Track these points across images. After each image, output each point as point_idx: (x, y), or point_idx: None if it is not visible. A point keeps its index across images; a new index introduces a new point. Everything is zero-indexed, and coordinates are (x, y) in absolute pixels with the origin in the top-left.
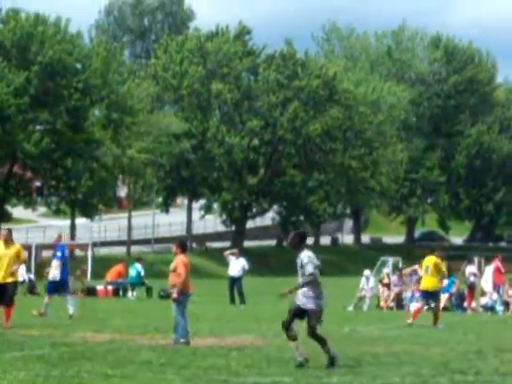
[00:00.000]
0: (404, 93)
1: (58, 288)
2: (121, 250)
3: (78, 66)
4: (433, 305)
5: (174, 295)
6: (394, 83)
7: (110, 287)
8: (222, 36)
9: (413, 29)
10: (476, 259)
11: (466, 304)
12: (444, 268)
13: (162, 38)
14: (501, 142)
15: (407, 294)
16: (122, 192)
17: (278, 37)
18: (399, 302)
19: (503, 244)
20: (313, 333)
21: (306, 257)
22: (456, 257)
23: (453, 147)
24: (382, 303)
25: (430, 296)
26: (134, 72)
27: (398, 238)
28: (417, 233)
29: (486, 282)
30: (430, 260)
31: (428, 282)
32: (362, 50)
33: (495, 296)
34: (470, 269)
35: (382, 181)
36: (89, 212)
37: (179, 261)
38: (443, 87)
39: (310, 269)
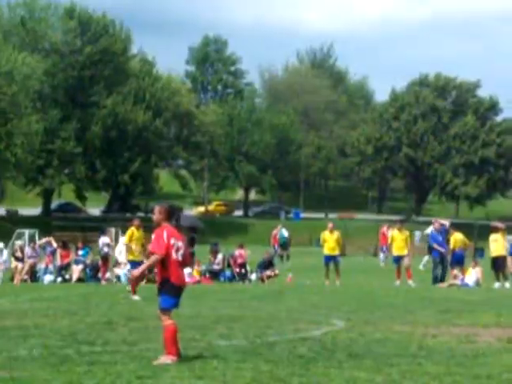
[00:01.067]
0: (38, 63)
1: None
2: None
3: None
4: None
5: None
6: (28, 54)
7: None
8: None
9: None
10: (113, 230)
11: (100, 275)
12: None
13: None
14: (136, 113)
15: (41, 266)
16: None
17: None
18: (33, 275)
19: (140, 214)
20: None
21: None
22: (94, 228)
23: (89, 118)
24: (17, 276)
25: None
26: None
27: (34, 210)
28: (54, 204)
29: (120, 252)
30: None
31: None
32: None
33: (128, 266)
34: (104, 239)
35: (18, 152)
36: None
37: None
38: (78, 58)
39: None
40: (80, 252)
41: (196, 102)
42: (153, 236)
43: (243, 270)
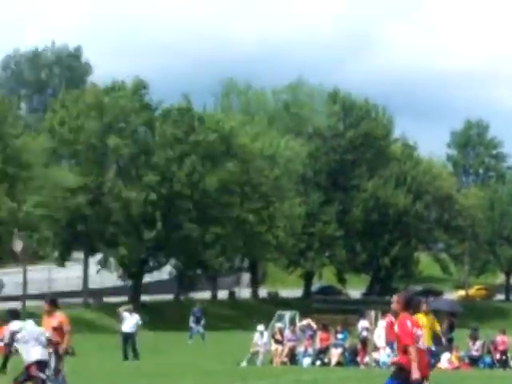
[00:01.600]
0: (302, 147)
1: None
2: (16, 305)
3: None
4: None
5: (62, 351)
6: (292, 137)
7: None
8: (118, 90)
9: (310, 84)
10: (373, 313)
11: (359, 359)
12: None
13: (60, 91)
14: (397, 197)
15: (301, 349)
16: (18, 246)
17: (174, 91)
18: (293, 357)
19: None
20: None
21: None
22: (354, 311)
23: (350, 201)
24: (277, 359)
25: None
26: (29, 126)
27: (295, 292)
28: (314, 286)
29: (379, 336)
30: None
31: None
32: (259, 104)
33: (388, 351)
34: (363, 323)
35: (279, 235)
36: None
37: (63, 317)
38: (340, 142)
39: None
40: (339, 335)
41: (457, 186)
42: (396, 327)
43: (504, 357)
